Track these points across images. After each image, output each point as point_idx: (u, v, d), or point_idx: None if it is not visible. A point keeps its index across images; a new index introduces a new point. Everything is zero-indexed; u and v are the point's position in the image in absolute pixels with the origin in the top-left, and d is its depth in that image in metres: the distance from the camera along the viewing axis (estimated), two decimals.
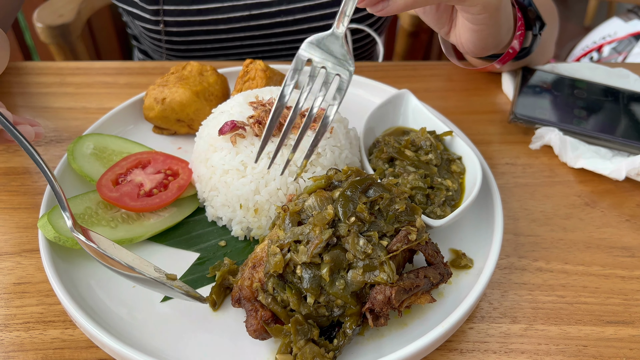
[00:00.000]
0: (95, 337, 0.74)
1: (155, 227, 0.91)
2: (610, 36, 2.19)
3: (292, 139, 0.89)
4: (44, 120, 1.18)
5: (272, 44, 1.47)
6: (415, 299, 0.76)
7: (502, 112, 1.27)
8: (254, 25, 1.41)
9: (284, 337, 0.73)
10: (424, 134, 1.00)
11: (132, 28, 1.69)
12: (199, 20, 1.39)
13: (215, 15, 1.38)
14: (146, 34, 1.47)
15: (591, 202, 1.05)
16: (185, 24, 1.40)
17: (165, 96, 1.05)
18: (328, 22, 1.44)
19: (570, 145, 1.11)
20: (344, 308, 0.75)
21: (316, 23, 1.44)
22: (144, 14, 1.40)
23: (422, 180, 0.91)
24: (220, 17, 1.39)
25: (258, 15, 1.39)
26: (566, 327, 0.84)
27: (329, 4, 1.42)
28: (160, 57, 1.57)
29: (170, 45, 1.46)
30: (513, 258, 0.94)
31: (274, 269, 0.74)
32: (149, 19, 1.40)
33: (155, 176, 0.95)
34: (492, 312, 0.86)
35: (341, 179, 0.81)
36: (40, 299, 0.84)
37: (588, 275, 0.92)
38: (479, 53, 1.06)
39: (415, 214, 0.79)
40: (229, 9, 1.38)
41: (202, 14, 1.38)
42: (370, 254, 0.74)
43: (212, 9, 1.38)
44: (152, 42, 1.49)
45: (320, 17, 1.43)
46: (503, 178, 1.09)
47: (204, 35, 1.42)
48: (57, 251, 0.85)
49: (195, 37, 1.43)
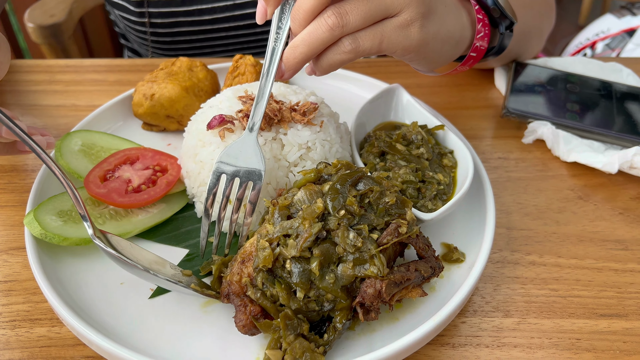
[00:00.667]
0: (82, 334, 0.73)
1: (143, 223, 0.90)
2: (603, 32, 2.20)
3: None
4: (32, 117, 1.16)
5: (258, 33, 1.46)
6: (406, 292, 0.75)
7: (495, 106, 1.26)
8: (238, 14, 1.40)
9: (274, 332, 0.72)
10: (415, 128, 0.99)
11: (118, 25, 1.68)
12: (183, 10, 1.38)
13: (199, 5, 1.38)
14: (131, 27, 1.46)
15: (584, 196, 1.04)
16: (170, 14, 1.39)
17: (154, 92, 1.04)
18: None
19: (563, 139, 1.11)
20: (334, 302, 0.74)
21: None
22: (128, 5, 1.39)
23: (413, 174, 0.90)
24: (205, 7, 1.38)
25: (242, 4, 1.39)
26: (559, 321, 0.83)
27: None
28: (147, 53, 1.56)
29: (156, 37, 1.45)
30: (506, 252, 0.93)
31: (263, 264, 0.73)
32: (132, 10, 1.39)
33: (143, 172, 0.94)
34: (484, 306, 0.85)
35: (331, 173, 0.81)
36: (26, 297, 0.83)
37: (581, 269, 0.91)
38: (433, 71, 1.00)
39: (405, 207, 0.78)
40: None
41: (186, 4, 1.38)
42: (361, 247, 0.73)
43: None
44: (138, 36, 1.48)
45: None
46: (496, 172, 1.08)
47: (189, 26, 1.41)
48: (43, 248, 0.83)
49: (180, 28, 1.42)
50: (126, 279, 0.83)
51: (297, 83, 1.24)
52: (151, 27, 1.41)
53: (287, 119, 0.89)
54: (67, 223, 0.84)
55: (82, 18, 1.98)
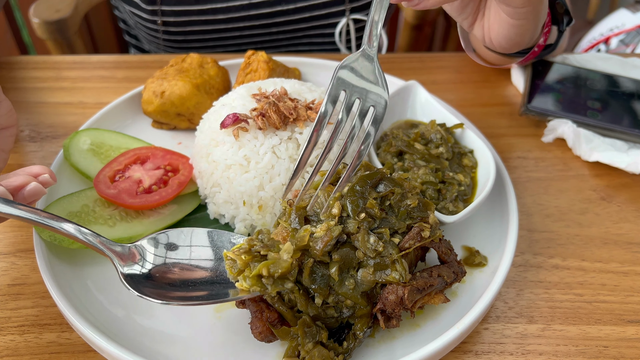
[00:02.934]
0: (93, 341, 0.70)
1: (154, 225, 0.87)
2: (618, 28, 2.15)
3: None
4: (39, 115, 1.14)
5: (273, 33, 1.43)
6: (428, 299, 0.73)
7: (513, 104, 1.23)
8: (253, 14, 1.37)
9: (291, 340, 0.70)
10: (434, 127, 0.96)
11: (126, 21, 1.65)
12: (197, 9, 1.35)
13: (214, 5, 1.34)
14: (142, 25, 1.42)
15: (607, 197, 1.01)
16: (183, 13, 1.35)
17: (165, 89, 1.01)
18: (330, 10, 1.40)
19: (584, 137, 1.07)
20: (353, 309, 0.71)
21: (318, 11, 1.39)
22: (141, 3, 1.36)
23: (433, 174, 0.87)
24: (219, 7, 1.35)
25: (258, 4, 1.35)
26: (585, 327, 0.80)
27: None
28: (158, 49, 1.53)
29: (168, 36, 1.42)
30: (528, 255, 0.90)
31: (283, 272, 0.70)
32: (145, 8, 1.36)
33: (154, 172, 0.91)
34: (507, 311, 0.82)
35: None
36: (35, 301, 0.80)
37: (606, 273, 0.88)
38: (510, 49, 0.97)
39: (428, 210, 0.75)
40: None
41: (200, 3, 1.34)
42: (382, 251, 0.70)
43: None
44: (149, 34, 1.45)
45: (323, 5, 1.38)
46: (515, 172, 1.05)
47: (202, 25, 1.38)
48: (52, 251, 0.81)
49: (193, 27, 1.39)
50: None
51: (313, 80, 1.21)
52: (163, 25, 1.38)
53: (303, 117, 0.86)
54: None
55: (87, 13, 1.95)
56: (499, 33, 0.92)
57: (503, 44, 0.95)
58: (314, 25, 1.43)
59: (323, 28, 1.44)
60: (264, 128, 0.84)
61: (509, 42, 0.94)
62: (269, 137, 0.85)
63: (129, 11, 1.45)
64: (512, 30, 0.90)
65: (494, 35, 0.93)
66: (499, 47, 0.96)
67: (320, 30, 1.45)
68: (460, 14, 0.95)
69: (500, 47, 0.96)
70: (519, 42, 0.94)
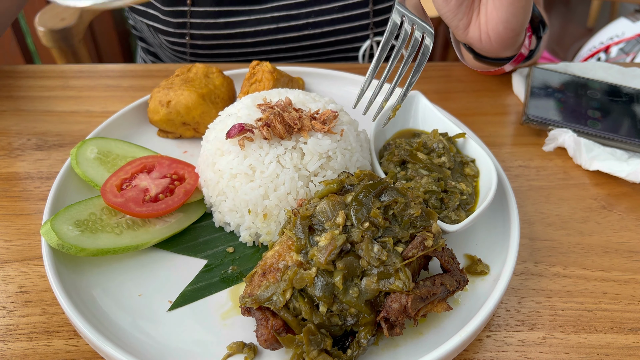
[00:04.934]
0: (101, 348, 0.71)
1: (161, 233, 0.88)
2: (617, 37, 2.17)
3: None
4: (46, 124, 1.15)
5: (298, 57, 1.45)
6: (431, 307, 0.74)
7: (514, 113, 1.24)
8: (280, 38, 1.39)
9: (296, 347, 0.71)
10: (436, 136, 0.97)
11: (139, 30, 1.66)
12: (226, 33, 1.36)
13: (242, 29, 1.36)
14: (168, 47, 1.45)
15: (608, 205, 1.02)
16: (212, 37, 1.37)
17: (171, 99, 1.03)
18: (356, 35, 1.43)
19: (585, 147, 1.08)
20: (357, 317, 0.72)
21: (343, 36, 1.42)
22: (168, 28, 1.37)
23: (435, 183, 0.89)
24: (247, 30, 1.36)
25: (285, 28, 1.37)
26: (587, 335, 0.81)
27: (357, 17, 1.39)
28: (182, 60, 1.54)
29: (194, 57, 1.44)
30: (529, 263, 0.91)
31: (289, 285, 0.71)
32: (172, 32, 1.37)
33: (160, 181, 0.93)
34: (509, 319, 0.83)
35: (353, 183, 0.79)
36: (43, 308, 0.81)
37: (607, 281, 0.89)
38: (506, 39, 1.02)
39: (431, 219, 0.76)
40: (256, 22, 1.36)
41: (229, 27, 1.36)
42: (385, 260, 0.71)
43: (239, 22, 1.35)
44: (174, 54, 1.47)
45: (349, 30, 1.41)
46: (517, 181, 1.06)
47: (230, 48, 1.40)
48: (60, 259, 0.82)
49: (221, 50, 1.41)
50: (144, 291, 0.82)
51: (316, 90, 1.22)
52: (191, 48, 1.40)
53: (307, 127, 0.88)
54: (84, 233, 0.83)
55: (92, 22, 1.97)
56: (498, 19, 0.97)
57: (501, 32, 0.99)
58: (339, 49, 1.46)
59: (347, 52, 1.48)
60: (269, 138, 0.86)
61: (506, 28, 0.99)
62: (274, 147, 0.86)
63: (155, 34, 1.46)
64: (510, 9, 0.96)
65: (492, 26, 0.99)
66: (496, 38, 1.01)
67: (344, 54, 1.48)
68: (456, 14, 0.99)
69: (497, 37, 1.01)
70: (515, 27, 0.99)
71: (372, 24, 1.41)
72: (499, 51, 1.07)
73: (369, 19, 1.40)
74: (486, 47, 1.06)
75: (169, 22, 1.36)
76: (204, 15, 1.34)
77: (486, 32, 1.01)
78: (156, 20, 1.39)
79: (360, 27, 1.42)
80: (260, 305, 0.72)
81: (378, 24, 1.43)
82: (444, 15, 1.01)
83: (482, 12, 1.00)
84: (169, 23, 1.36)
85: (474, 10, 1.00)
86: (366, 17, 1.40)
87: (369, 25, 1.41)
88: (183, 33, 1.36)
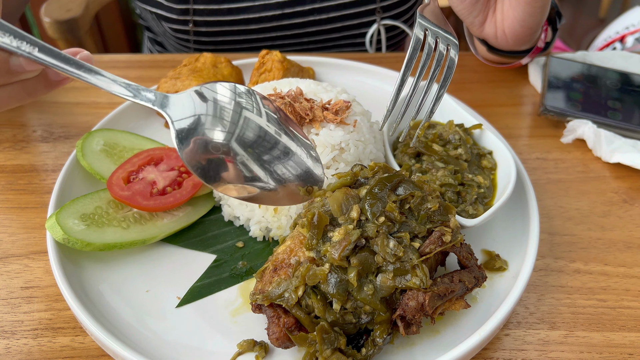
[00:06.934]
0: (107, 345, 0.69)
1: (169, 227, 0.86)
2: (634, 26, 2.11)
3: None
4: (52, 115, 1.13)
5: (304, 43, 1.43)
6: (449, 304, 0.71)
7: (531, 104, 1.20)
8: (285, 24, 1.36)
9: (309, 346, 0.68)
10: (452, 127, 0.94)
11: (144, 20, 1.64)
12: (230, 20, 1.34)
13: (247, 15, 1.34)
14: (172, 34, 1.42)
15: (629, 199, 0.99)
16: (216, 23, 1.35)
17: (178, 89, 1.00)
18: (362, 20, 1.40)
19: (605, 138, 1.05)
20: (372, 315, 0.69)
21: (349, 21, 1.39)
22: (171, 15, 1.35)
23: (452, 176, 0.86)
24: (252, 17, 1.34)
25: (290, 14, 1.34)
26: (609, 334, 0.78)
27: (364, 1, 1.36)
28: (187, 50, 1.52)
29: (198, 45, 1.42)
30: (549, 259, 0.88)
31: (302, 282, 0.68)
32: (176, 19, 1.35)
33: (168, 173, 0.90)
34: (528, 317, 0.80)
35: (367, 176, 0.76)
36: (49, 304, 0.79)
37: (630, 278, 0.86)
38: (522, 37, 1.00)
39: (449, 214, 0.73)
40: (261, 8, 1.33)
41: (233, 14, 1.33)
42: (401, 256, 0.68)
43: (243, 8, 1.33)
44: (179, 42, 1.45)
45: (355, 15, 1.38)
46: (535, 174, 1.03)
47: (235, 35, 1.38)
48: (66, 253, 0.80)
49: (225, 37, 1.38)
50: (152, 287, 0.79)
51: (327, 80, 1.19)
52: (195, 35, 1.37)
53: (319, 118, 0.85)
54: (90, 227, 0.81)
55: (98, 13, 1.94)
56: (514, 17, 0.95)
57: (517, 30, 0.97)
58: (345, 35, 1.43)
59: (354, 37, 1.45)
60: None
61: (523, 27, 0.96)
62: None
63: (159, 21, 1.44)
64: (527, 9, 0.93)
65: (509, 23, 0.96)
66: (512, 36, 0.99)
67: (351, 40, 1.45)
68: (471, 12, 0.97)
69: (513, 35, 0.99)
70: (532, 25, 0.97)
71: (379, 8, 1.38)
72: (515, 47, 1.05)
73: (376, 4, 1.37)
74: (502, 44, 1.04)
75: (172, 8, 1.34)
76: (208, 1, 1.32)
77: (502, 29, 0.99)
78: (160, 7, 1.36)
79: (366, 12, 1.38)
80: (272, 302, 0.69)
81: (385, 8, 1.39)
82: (459, 12, 0.99)
83: (498, 10, 0.98)
84: (172, 10, 1.34)
85: (490, 8, 0.98)
86: (373, 2, 1.36)
87: (375, 10, 1.38)
88: (186, 20, 1.33)
